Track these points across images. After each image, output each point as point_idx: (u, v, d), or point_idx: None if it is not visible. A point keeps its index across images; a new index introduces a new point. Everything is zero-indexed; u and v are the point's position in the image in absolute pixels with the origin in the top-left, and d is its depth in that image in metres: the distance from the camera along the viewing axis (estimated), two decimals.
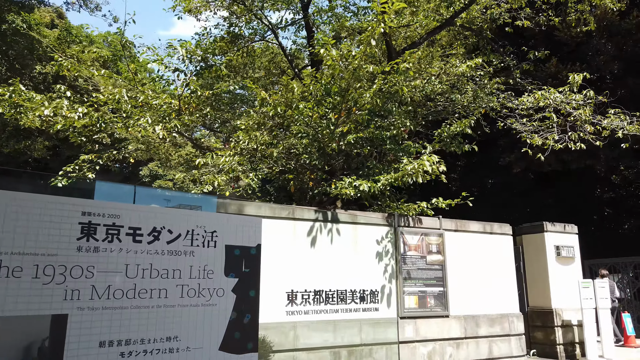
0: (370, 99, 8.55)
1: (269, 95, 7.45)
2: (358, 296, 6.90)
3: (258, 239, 3.51)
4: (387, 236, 7.56)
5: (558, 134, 10.88)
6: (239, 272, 3.37)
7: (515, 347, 8.37)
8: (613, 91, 16.68)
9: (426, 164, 7.02)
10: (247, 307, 3.35)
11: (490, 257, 8.61)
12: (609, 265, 15.41)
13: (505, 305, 8.54)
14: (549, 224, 10.64)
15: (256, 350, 3.35)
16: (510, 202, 23.35)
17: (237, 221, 3.44)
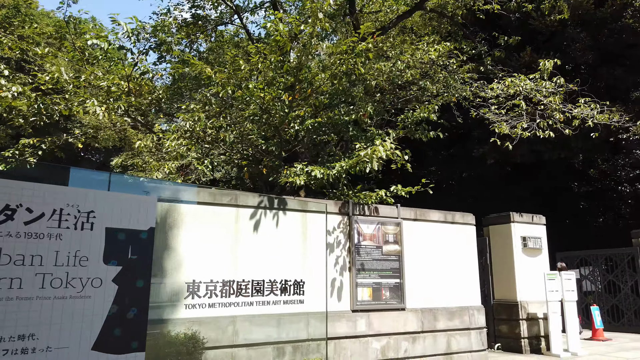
0: (330, 82, 8.11)
1: (214, 73, 6.93)
2: (299, 288, 6.48)
3: (151, 222, 3.05)
4: (340, 225, 7.13)
5: (527, 123, 10.55)
6: (123, 259, 2.90)
7: (476, 341, 8.05)
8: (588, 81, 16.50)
9: (380, 150, 6.59)
10: (133, 300, 2.89)
11: (451, 247, 8.26)
12: (580, 257, 15.26)
13: (466, 297, 8.21)
14: (516, 214, 10.35)
15: (143, 350, 2.90)
16: (486, 194, 23.15)
17: (125, 201, 2.97)
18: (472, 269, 8.47)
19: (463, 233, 8.52)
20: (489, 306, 10.46)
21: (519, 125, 10.40)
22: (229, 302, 5.84)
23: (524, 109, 10.65)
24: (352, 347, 6.78)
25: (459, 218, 8.49)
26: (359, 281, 7.09)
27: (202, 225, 5.89)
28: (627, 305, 13.89)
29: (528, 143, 15.95)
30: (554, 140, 15.80)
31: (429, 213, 8.18)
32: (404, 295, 7.46)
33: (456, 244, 8.35)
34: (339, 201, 7.24)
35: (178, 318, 5.41)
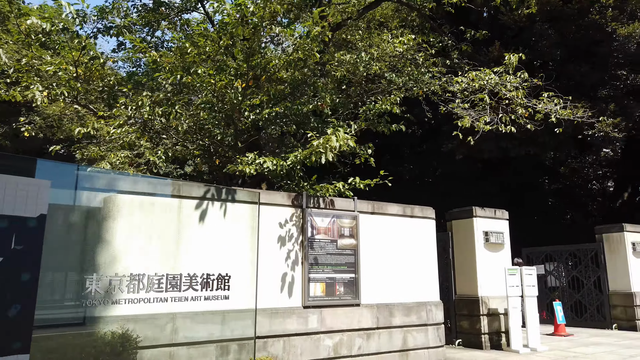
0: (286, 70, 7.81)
1: (159, 56, 6.56)
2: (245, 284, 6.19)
3: (42, 209, 2.71)
4: (293, 218, 6.86)
5: (491, 117, 10.44)
6: (4, 250, 2.56)
7: (433, 337, 7.89)
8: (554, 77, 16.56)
9: (333, 140, 6.33)
10: (15, 295, 2.56)
11: (410, 241, 8.06)
12: (545, 253, 15.33)
13: (424, 293, 8.03)
14: (479, 208, 10.24)
15: (27, 351, 2.57)
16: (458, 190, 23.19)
17: (7, 184, 2.63)
18: (431, 263, 8.30)
19: (422, 227, 8.34)
20: (451, 302, 10.35)
21: (481, 120, 10.28)
22: (168, 297, 5.51)
23: (487, 103, 10.53)
24: (302, 345, 6.52)
25: (418, 212, 8.31)
26: (312, 276, 6.83)
27: (141, 216, 5.54)
28: (590, 301, 14.00)
29: (495, 139, 15.96)
30: (520, 137, 15.87)
31: (387, 206, 7.97)
32: (359, 290, 7.23)
33: (415, 238, 8.17)
34: (292, 193, 6.96)
35: (109, 315, 5.06)
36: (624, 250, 13.36)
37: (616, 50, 14.85)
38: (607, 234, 13.79)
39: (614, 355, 8.98)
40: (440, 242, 10.81)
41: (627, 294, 13.12)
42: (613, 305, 13.39)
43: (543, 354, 9.12)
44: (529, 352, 9.28)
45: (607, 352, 9.28)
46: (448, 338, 10.25)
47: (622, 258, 13.36)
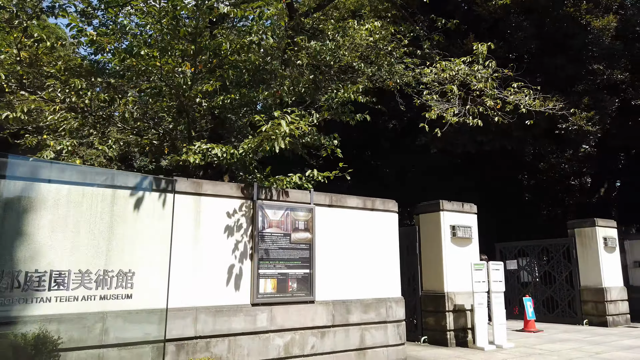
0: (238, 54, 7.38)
1: (95, 35, 6.09)
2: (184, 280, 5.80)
3: None
4: (242, 209, 6.47)
5: (459, 108, 10.15)
6: None
7: (393, 335, 7.58)
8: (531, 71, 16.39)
9: (283, 124, 5.94)
10: None
11: (370, 235, 7.74)
12: (518, 248, 15.17)
13: (385, 289, 7.72)
14: (446, 202, 9.96)
15: None
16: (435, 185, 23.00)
17: None
18: (392, 258, 7.99)
19: (384, 221, 8.01)
20: (417, 298, 10.08)
21: (448, 111, 9.99)
22: (98, 295, 5.10)
23: (456, 94, 10.24)
24: (250, 345, 6.15)
25: (379, 205, 7.98)
26: (262, 272, 6.46)
27: (69, 208, 5.10)
28: (562, 296, 13.88)
29: (470, 133, 15.73)
30: (495, 130, 15.68)
31: (347, 199, 7.62)
32: (314, 286, 6.88)
33: (376, 232, 7.84)
34: (241, 184, 6.56)
35: (27, 315, 4.64)
36: (595, 245, 13.24)
37: (591, 43, 14.69)
38: (579, 229, 13.66)
39: (579, 352, 8.79)
40: (408, 237, 10.54)
41: (598, 289, 13.01)
42: (584, 300, 13.28)
43: (508, 350, 8.89)
44: (494, 349, 9.05)
45: (573, 349, 9.09)
46: (414, 335, 10.01)
47: (594, 253, 13.24)
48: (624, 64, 16.17)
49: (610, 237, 13.44)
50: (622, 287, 13.51)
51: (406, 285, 10.43)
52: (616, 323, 12.95)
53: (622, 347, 9.38)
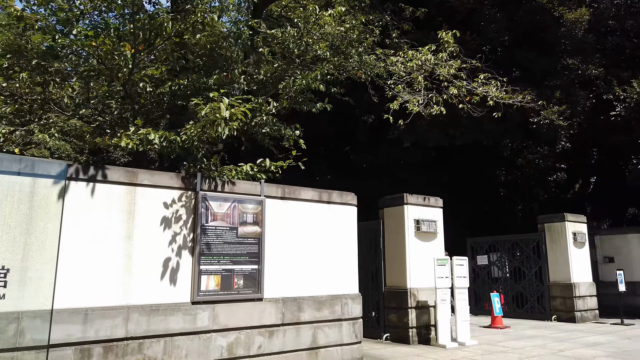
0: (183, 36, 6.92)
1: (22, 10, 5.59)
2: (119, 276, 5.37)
3: None
4: (183, 201, 6.05)
5: (424, 98, 9.84)
6: None
7: (348, 333, 7.25)
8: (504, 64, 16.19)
9: (222, 108, 5.52)
10: None
11: (326, 229, 7.38)
12: (489, 243, 14.99)
13: (340, 285, 7.38)
14: (410, 195, 9.66)
15: None
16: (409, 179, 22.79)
17: None
18: (350, 253, 7.65)
19: (342, 214, 7.66)
20: (380, 294, 9.78)
21: (414, 100, 9.67)
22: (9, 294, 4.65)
23: (422, 84, 9.93)
24: (189, 345, 5.75)
25: (336, 197, 7.62)
26: (204, 268, 6.06)
27: None
28: (531, 292, 13.74)
29: (442, 126, 15.51)
30: (466, 124, 15.47)
31: (301, 191, 7.25)
32: (262, 283, 6.50)
33: (333, 226, 7.49)
34: (182, 174, 6.14)
35: None
36: (564, 240, 13.11)
37: (563, 36, 14.53)
38: (549, 224, 13.52)
39: (542, 349, 8.58)
40: (372, 231, 10.23)
41: (567, 284, 12.89)
42: (553, 296, 13.16)
43: (470, 348, 8.64)
44: (456, 346, 8.80)
45: (536, 346, 8.88)
46: (376, 332, 9.72)
47: (563, 248, 13.11)
48: (598, 59, 16.09)
49: (580, 233, 13.33)
50: (591, 283, 13.42)
51: (370, 280, 10.14)
52: (584, 319, 12.85)
53: (586, 344, 9.21)
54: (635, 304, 14.26)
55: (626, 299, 13.96)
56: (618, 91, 14.05)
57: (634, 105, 13.59)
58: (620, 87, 14.11)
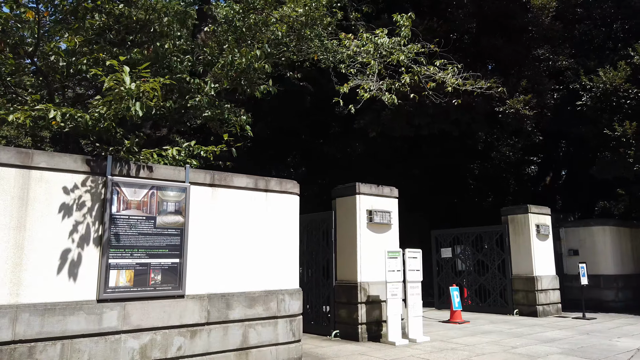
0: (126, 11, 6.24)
1: None
2: None
3: None
4: (90, 187, 5.40)
5: (377, 83, 9.30)
6: None
7: (284, 332, 6.71)
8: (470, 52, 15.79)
9: (126, 80, 4.88)
10: None
11: (262, 220, 6.80)
12: (453, 235, 14.61)
13: (277, 280, 6.82)
14: (363, 184, 9.15)
15: None
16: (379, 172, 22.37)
17: None
18: (289, 245, 7.09)
19: (281, 203, 7.09)
20: (331, 288, 9.27)
21: (365, 86, 9.13)
22: None
23: (375, 69, 9.38)
24: (93, 348, 5.13)
25: (275, 185, 7.04)
26: (114, 262, 5.43)
27: None
28: (494, 285, 13.42)
29: (407, 115, 15.03)
30: (432, 113, 15.02)
31: (233, 178, 6.64)
32: (184, 278, 5.90)
33: (270, 217, 6.92)
34: (89, 157, 5.48)
35: None
36: (528, 232, 12.79)
37: (530, 23, 14.13)
38: (512, 216, 13.19)
39: (496, 346, 8.18)
40: (324, 222, 9.71)
41: (529, 278, 12.58)
42: (515, 290, 12.85)
43: (421, 345, 8.19)
44: (407, 343, 8.34)
45: (491, 342, 8.49)
46: (326, 329, 9.22)
47: (526, 240, 12.79)
48: (568, 49, 15.79)
49: (543, 225, 13.02)
50: (554, 276, 13.14)
51: (322, 274, 9.63)
52: (546, 313, 12.57)
53: (543, 339, 8.85)
54: (598, 298, 14.08)
55: (590, 292, 13.78)
56: (584, 80, 13.75)
57: (600, 94, 13.29)
58: (586, 76, 13.80)
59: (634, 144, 12.35)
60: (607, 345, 8.23)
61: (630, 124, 12.30)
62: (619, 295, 14.09)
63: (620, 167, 12.90)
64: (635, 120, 12.39)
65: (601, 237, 14.26)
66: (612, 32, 16.43)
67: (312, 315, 9.73)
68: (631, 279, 14.66)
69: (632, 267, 15.04)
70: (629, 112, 12.81)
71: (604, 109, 13.36)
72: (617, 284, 14.14)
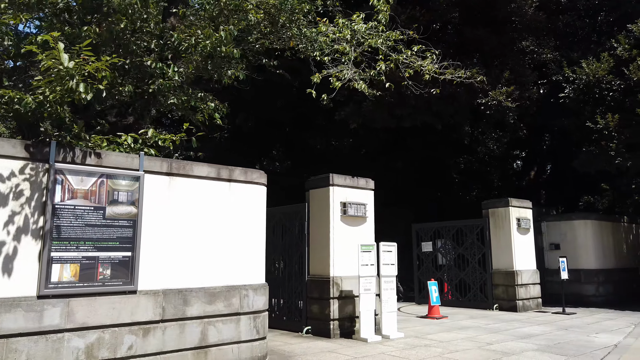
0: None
1: None
2: None
3: None
4: (30, 174, 4.99)
5: (352, 71, 8.95)
6: None
7: (247, 329, 6.37)
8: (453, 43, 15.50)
9: (63, 57, 4.48)
10: None
11: (225, 211, 6.45)
12: (434, 229, 14.36)
13: (241, 274, 6.48)
14: (337, 175, 8.83)
15: None
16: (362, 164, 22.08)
17: None
18: (254, 239, 6.74)
19: (246, 194, 6.73)
20: (303, 283, 8.95)
21: (334, 75, 8.77)
22: None
23: (351, 56, 9.03)
24: (32, 348, 4.75)
25: (239, 175, 6.68)
26: (57, 255, 5.03)
27: None
28: (474, 280, 13.21)
29: (388, 106, 14.72)
30: (413, 104, 14.73)
31: (193, 166, 6.27)
32: (136, 273, 5.52)
33: (234, 208, 6.56)
34: (29, 142, 5.07)
35: None
36: (508, 226, 12.57)
37: (513, 13, 13.87)
38: (492, 209, 12.96)
39: (471, 342, 7.93)
40: (298, 215, 9.38)
41: (509, 272, 12.37)
42: (495, 284, 12.64)
43: (394, 342, 7.91)
44: (379, 340, 8.06)
45: (466, 339, 8.23)
46: (298, 325, 8.90)
47: (507, 234, 12.58)
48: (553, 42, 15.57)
49: (524, 218, 12.81)
50: (534, 270, 12.95)
51: (296, 269, 9.31)
52: (526, 308, 12.39)
53: (520, 335, 8.62)
54: (579, 292, 13.94)
55: (570, 286, 13.63)
56: (567, 72, 13.52)
57: (583, 86, 13.08)
58: (570, 68, 13.58)
59: (616, 136, 12.16)
60: (584, 342, 8.02)
61: (612, 117, 12.10)
62: (600, 290, 13.97)
63: (602, 161, 12.72)
64: (617, 113, 12.20)
65: (582, 231, 14.11)
66: (596, 24, 16.25)
67: (285, 311, 9.41)
68: (612, 273, 14.55)
69: (614, 261, 14.93)
70: (611, 105, 12.62)
71: (587, 101, 13.16)
72: (598, 279, 14.01)
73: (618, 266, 15.05)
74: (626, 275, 15.32)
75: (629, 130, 12.04)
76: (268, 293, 6.85)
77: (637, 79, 11.92)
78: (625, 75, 12.30)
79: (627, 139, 12.03)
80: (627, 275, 15.35)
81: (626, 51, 12.56)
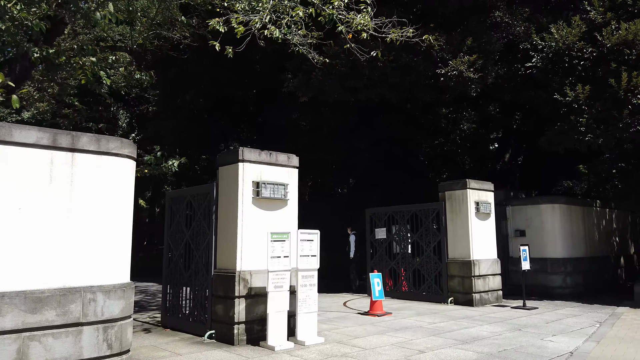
0: None
1: None
2: None
3: None
4: None
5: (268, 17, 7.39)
6: None
7: (93, 343, 4.90)
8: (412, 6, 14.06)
9: None
10: None
11: (64, 189, 4.92)
12: (388, 214, 12.97)
13: (85, 272, 4.98)
14: (248, 150, 7.36)
15: None
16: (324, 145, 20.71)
17: None
18: (112, 226, 5.24)
19: (100, 169, 5.21)
20: (209, 280, 7.50)
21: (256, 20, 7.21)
22: None
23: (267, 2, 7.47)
24: None
25: (87, 144, 5.14)
26: None
27: None
28: (429, 270, 11.90)
29: (340, 77, 13.23)
30: (368, 74, 13.24)
31: (13, 131, 4.70)
32: None
33: (79, 186, 5.03)
34: None
35: None
36: (466, 210, 11.24)
37: None
38: (449, 192, 11.61)
39: (401, 349, 6.58)
40: (205, 197, 7.89)
41: (466, 262, 11.07)
42: (450, 275, 11.35)
43: (308, 350, 6.52)
44: (292, 347, 6.66)
45: (398, 344, 6.88)
46: (202, 329, 7.47)
47: (464, 220, 11.24)
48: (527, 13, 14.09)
49: (484, 202, 11.48)
50: (494, 260, 11.67)
51: (203, 261, 7.85)
52: (484, 301, 11.13)
53: (463, 339, 7.31)
54: (545, 283, 12.75)
55: (536, 277, 12.45)
56: (536, 39, 12.10)
57: (552, 55, 11.68)
58: (538, 35, 12.16)
59: (586, 110, 10.83)
60: (536, 348, 6.72)
61: (582, 88, 10.75)
62: (567, 281, 12.77)
63: (571, 138, 11.39)
64: (588, 84, 10.84)
65: (550, 216, 12.87)
66: None
67: (193, 312, 7.98)
68: (581, 262, 13.37)
69: (584, 249, 13.76)
70: (582, 75, 11.27)
71: (556, 71, 11.78)
72: (565, 268, 12.80)
73: (588, 255, 13.89)
74: (597, 264, 14.18)
75: (600, 104, 10.71)
76: (133, 295, 5.39)
77: (610, 45, 10.57)
78: (598, 41, 10.93)
79: (599, 113, 10.71)
80: (598, 265, 14.21)
81: (600, 14, 11.17)
